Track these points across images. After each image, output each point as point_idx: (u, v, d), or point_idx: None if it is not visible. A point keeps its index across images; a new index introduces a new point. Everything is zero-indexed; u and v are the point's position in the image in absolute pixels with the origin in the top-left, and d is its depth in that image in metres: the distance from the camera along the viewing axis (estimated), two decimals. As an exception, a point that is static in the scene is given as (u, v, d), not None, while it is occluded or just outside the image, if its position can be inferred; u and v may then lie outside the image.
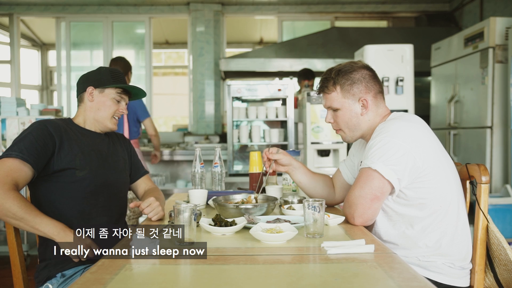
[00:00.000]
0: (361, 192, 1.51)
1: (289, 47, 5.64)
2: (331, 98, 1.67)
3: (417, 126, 1.56)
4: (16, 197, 1.45)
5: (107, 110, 1.78)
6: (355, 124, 1.67)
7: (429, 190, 1.52)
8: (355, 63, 1.67)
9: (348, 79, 1.63)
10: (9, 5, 6.23)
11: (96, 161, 1.72)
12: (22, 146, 1.55)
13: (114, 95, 1.78)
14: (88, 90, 1.77)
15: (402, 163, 1.47)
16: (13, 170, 1.51)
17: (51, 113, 3.69)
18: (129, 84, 1.82)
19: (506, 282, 1.55)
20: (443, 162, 1.56)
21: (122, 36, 6.68)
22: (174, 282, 1.04)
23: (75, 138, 1.70)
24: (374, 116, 1.66)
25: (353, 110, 1.65)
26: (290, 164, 1.87)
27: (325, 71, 1.72)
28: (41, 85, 7.33)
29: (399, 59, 3.96)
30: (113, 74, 1.80)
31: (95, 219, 1.70)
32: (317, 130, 4.05)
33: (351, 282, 1.00)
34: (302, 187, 1.91)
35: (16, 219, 1.46)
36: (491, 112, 3.86)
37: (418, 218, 1.54)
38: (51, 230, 1.49)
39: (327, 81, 1.67)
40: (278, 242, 1.32)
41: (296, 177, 1.89)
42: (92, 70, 1.83)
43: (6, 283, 3.17)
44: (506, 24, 3.77)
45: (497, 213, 3.47)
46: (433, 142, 1.57)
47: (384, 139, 1.50)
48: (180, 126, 6.88)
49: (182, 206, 1.29)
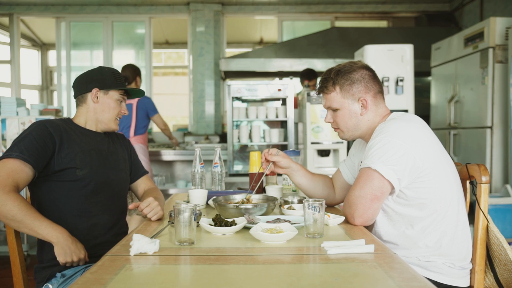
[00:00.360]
0: (361, 192, 1.51)
1: (289, 47, 5.65)
2: (330, 98, 1.67)
3: (417, 126, 1.56)
4: (16, 199, 1.46)
5: (112, 111, 1.80)
6: (354, 124, 1.67)
7: (429, 190, 1.52)
8: (355, 63, 1.68)
9: (348, 79, 1.64)
10: (9, 5, 6.23)
11: (97, 160, 1.73)
12: (23, 147, 1.55)
13: (117, 96, 1.81)
14: (93, 91, 1.77)
15: (402, 163, 1.47)
16: (14, 171, 1.51)
17: (51, 113, 3.69)
18: (131, 87, 1.84)
19: (506, 282, 1.55)
20: (443, 162, 1.56)
21: (122, 36, 6.68)
22: (174, 282, 1.04)
23: (75, 137, 1.71)
24: (374, 116, 1.66)
25: (353, 110, 1.65)
26: (288, 166, 1.87)
27: (325, 71, 1.72)
28: (41, 85, 7.33)
29: (399, 59, 3.96)
30: (116, 76, 1.82)
31: (95, 217, 1.71)
32: (317, 130, 4.05)
33: (351, 282, 1.00)
34: (302, 189, 1.91)
35: (15, 221, 1.46)
36: (491, 112, 3.86)
37: (418, 218, 1.54)
38: (49, 234, 1.50)
39: (327, 81, 1.68)
40: (278, 242, 1.32)
41: (296, 179, 1.89)
42: (92, 70, 1.83)
43: (6, 283, 3.17)
44: (506, 24, 3.77)
45: (497, 213, 3.47)
46: (433, 142, 1.57)
47: (384, 139, 1.50)
48: (180, 126, 6.89)
49: (182, 206, 1.29)
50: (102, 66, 1.85)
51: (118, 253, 1.23)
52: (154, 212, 1.66)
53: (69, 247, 1.52)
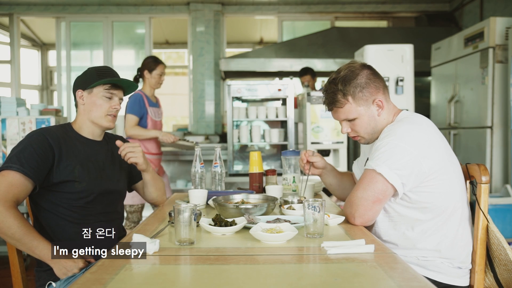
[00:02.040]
0: (364, 194, 1.51)
1: (289, 47, 5.64)
2: (345, 111, 1.63)
3: (424, 128, 1.55)
4: (16, 217, 1.47)
5: (99, 109, 1.73)
6: (373, 127, 1.64)
7: (433, 195, 1.51)
8: (353, 67, 1.62)
9: (357, 86, 1.59)
10: (9, 5, 6.23)
11: (94, 172, 1.71)
12: (23, 159, 1.54)
13: (103, 92, 1.73)
14: (78, 94, 1.75)
15: (407, 168, 1.46)
16: (15, 185, 1.51)
17: (51, 113, 3.69)
18: (116, 78, 1.75)
19: (506, 282, 1.55)
20: (448, 166, 1.55)
21: (122, 36, 6.68)
22: (174, 282, 1.04)
23: (73, 148, 1.69)
24: (388, 115, 1.65)
25: (370, 114, 1.62)
26: (325, 167, 1.88)
27: (326, 85, 1.67)
28: (41, 85, 7.33)
29: (399, 59, 3.96)
30: (99, 72, 1.75)
31: (93, 224, 1.71)
32: (317, 130, 4.05)
33: (351, 282, 1.00)
34: (332, 189, 1.93)
35: (13, 239, 1.48)
36: (491, 112, 3.86)
37: (419, 221, 1.54)
38: (46, 255, 1.51)
39: (335, 95, 1.62)
40: (278, 242, 1.32)
41: (328, 180, 1.91)
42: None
43: (6, 283, 3.17)
44: (506, 24, 3.77)
45: (497, 213, 3.47)
46: (441, 145, 1.56)
47: (391, 142, 1.49)
48: (180, 126, 6.88)
49: (182, 206, 1.29)
50: (90, 67, 1.80)
51: (118, 253, 1.23)
52: (127, 151, 1.71)
53: (64, 266, 1.54)
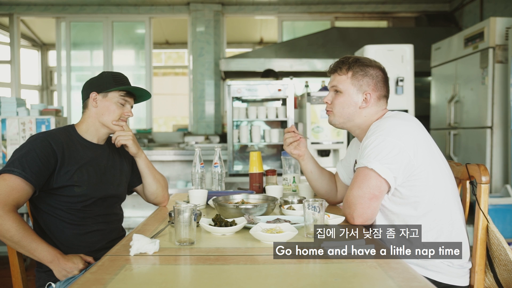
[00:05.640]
0: (359, 192, 1.52)
1: (289, 47, 5.65)
2: (339, 79, 1.68)
3: (411, 125, 1.57)
4: (15, 220, 1.47)
5: (112, 114, 1.74)
6: (349, 114, 1.67)
7: (423, 188, 1.52)
8: (374, 61, 1.71)
9: (363, 70, 1.66)
10: (9, 5, 6.23)
11: (94, 177, 1.71)
12: (25, 164, 1.54)
13: (117, 98, 1.74)
14: (91, 96, 1.74)
15: (397, 161, 1.48)
16: (15, 189, 1.51)
17: (51, 113, 3.69)
18: (134, 86, 1.78)
19: (506, 282, 1.55)
20: (438, 160, 1.57)
21: (122, 36, 6.68)
22: (174, 282, 1.04)
23: (75, 153, 1.68)
24: (371, 114, 1.67)
25: (354, 99, 1.66)
26: (306, 150, 1.89)
27: (343, 56, 1.74)
28: (41, 85, 7.33)
29: (399, 59, 3.96)
30: (116, 78, 1.77)
31: (92, 226, 1.71)
32: (317, 130, 4.06)
33: (351, 282, 1.00)
34: (310, 178, 1.91)
35: (12, 242, 1.49)
36: (491, 112, 3.86)
37: (413, 218, 1.54)
38: (45, 257, 1.52)
39: (343, 64, 1.69)
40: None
41: (309, 166, 1.90)
42: (96, 75, 1.82)
43: (6, 283, 3.17)
44: (506, 24, 3.77)
45: (497, 213, 3.47)
46: (428, 141, 1.58)
47: (379, 138, 1.51)
48: (180, 126, 6.89)
49: (182, 206, 1.29)
50: (104, 71, 1.83)
51: (118, 253, 1.23)
52: (121, 134, 1.75)
53: (64, 268, 1.54)
